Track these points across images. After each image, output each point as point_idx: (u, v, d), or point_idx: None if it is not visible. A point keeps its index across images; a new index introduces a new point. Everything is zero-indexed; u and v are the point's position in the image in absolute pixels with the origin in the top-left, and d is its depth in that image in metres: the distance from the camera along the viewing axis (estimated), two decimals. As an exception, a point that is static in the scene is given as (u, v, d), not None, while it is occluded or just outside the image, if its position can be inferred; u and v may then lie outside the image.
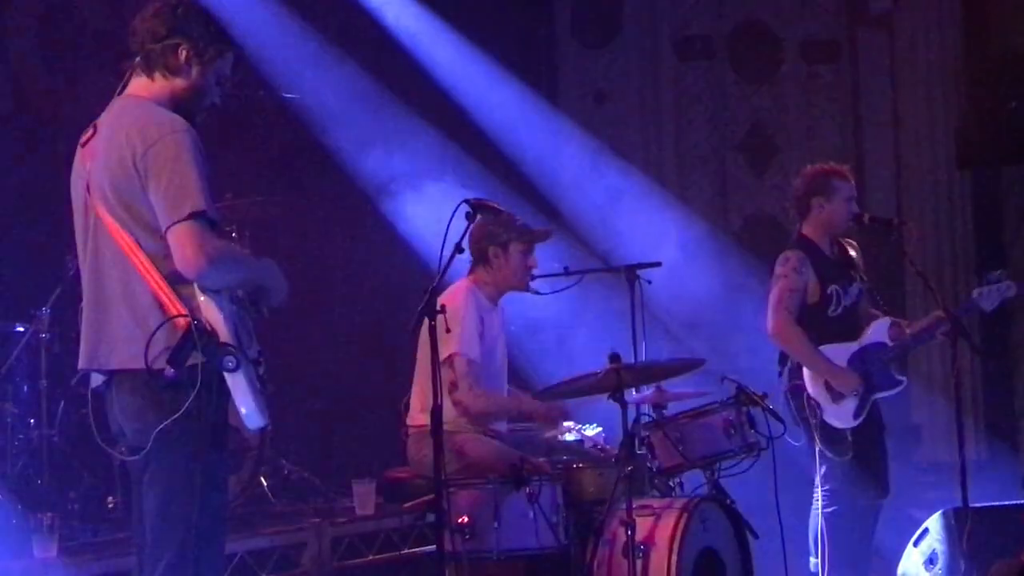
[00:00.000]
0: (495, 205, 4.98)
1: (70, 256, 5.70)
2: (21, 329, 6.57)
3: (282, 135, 8.41)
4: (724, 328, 9.17)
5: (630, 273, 6.38)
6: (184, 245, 3.65)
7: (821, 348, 6.12)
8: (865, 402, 6.06)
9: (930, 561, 6.17)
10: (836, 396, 6.05)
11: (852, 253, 6.36)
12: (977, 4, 9.16)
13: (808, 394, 6.07)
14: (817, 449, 6.01)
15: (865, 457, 6.05)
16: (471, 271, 6.20)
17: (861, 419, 6.04)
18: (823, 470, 6.03)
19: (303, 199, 8.16)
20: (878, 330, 6.18)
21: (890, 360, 6.13)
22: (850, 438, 6.01)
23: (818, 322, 6.16)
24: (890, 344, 6.14)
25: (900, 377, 6.17)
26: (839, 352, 6.12)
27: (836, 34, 9.59)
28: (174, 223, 3.66)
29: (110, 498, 6.52)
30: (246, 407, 3.69)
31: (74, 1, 7.72)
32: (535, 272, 6.20)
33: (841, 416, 6.05)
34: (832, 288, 6.18)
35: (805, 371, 6.11)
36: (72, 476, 6.54)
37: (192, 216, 3.65)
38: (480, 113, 8.85)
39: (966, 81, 9.11)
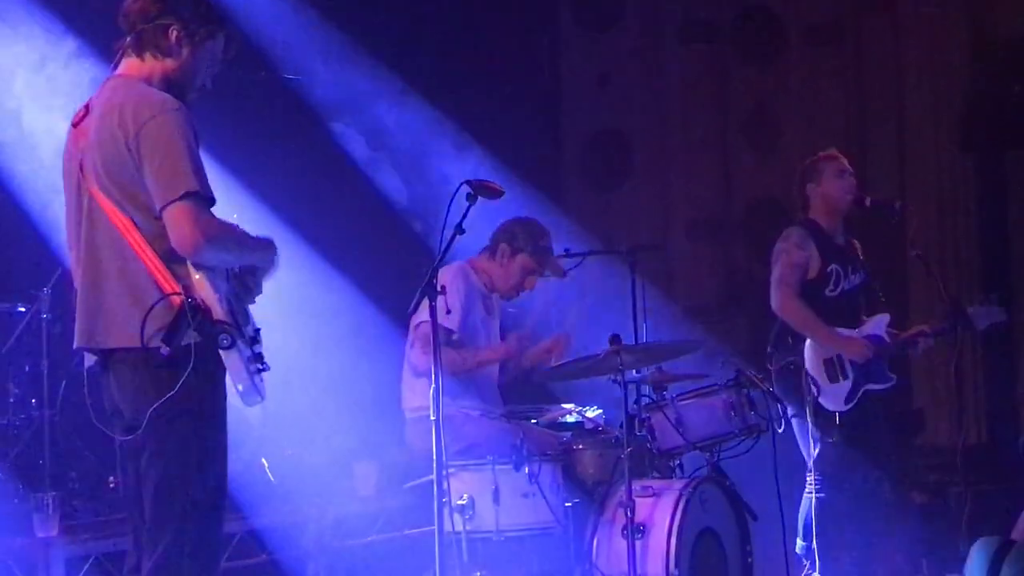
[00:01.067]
0: (496, 186, 4.97)
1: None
2: (22, 309, 6.58)
3: (283, 116, 8.39)
4: (725, 310, 9.18)
5: (631, 255, 6.38)
6: (180, 224, 3.65)
7: None
8: (857, 389, 6.01)
9: None
10: (834, 376, 6.00)
11: (858, 251, 6.32)
12: (981, -13, 9.14)
13: (806, 371, 6.00)
14: (809, 426, 5.96)
15: (853, 445, 5.98)
16: (479, 254, 6.20)
17: (851, 405, 5.99)
18: (816, 453, 5.99)
19: (308, 185, 8.13)
20: (878, 324, 6.15)
21: (885, 355, 6.09)
22: (838, 422, 5.96)
23: (814, 300, 6.08)
24: (887, 340, 6.12)
25: (891, 375, 6.12)
26: (842, 334, 6.08)
27: (840, 17, 9.55)
28: (169, 203, 3.65)
29: (111, 477, 6.50)
30: (242, 385, 3.70)
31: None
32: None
33: (833, 399, 5.99)
34: (833, 267, 6.12)
35: (806, 349, 6.03)
36: (73, 455, 6.54)
37: (186, 195, 3.65)
38: (479, 93, 8.83)
39: (970, 65, 9.08)
